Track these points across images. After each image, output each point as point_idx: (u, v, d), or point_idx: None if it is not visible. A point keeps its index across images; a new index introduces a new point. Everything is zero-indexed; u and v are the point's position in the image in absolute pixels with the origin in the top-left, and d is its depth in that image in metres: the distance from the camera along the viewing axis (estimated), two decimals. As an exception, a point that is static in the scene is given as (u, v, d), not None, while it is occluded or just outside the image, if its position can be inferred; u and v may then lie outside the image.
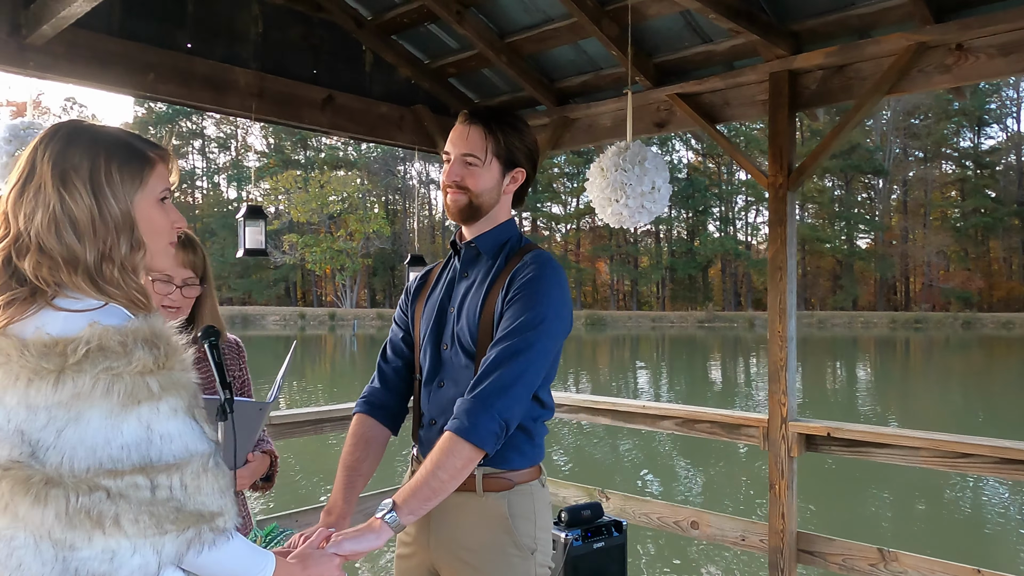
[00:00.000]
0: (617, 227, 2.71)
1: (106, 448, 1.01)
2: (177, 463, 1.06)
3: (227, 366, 2.11)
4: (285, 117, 3.53)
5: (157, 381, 1.06)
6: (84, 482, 1.00)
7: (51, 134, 1.16)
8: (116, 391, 1.03)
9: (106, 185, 1.15)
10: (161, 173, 1.22)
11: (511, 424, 1.53)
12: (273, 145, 63.52)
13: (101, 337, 1.04)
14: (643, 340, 38.08)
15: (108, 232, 1.14)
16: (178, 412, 1.08)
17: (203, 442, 1.11)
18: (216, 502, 1.10)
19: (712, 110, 3.49)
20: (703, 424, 3.50)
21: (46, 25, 2.56)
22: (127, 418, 1.03)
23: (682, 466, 10.08)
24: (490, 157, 1.68)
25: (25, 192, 1.13)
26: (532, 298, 1.59)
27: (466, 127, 1.70)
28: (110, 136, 1.18)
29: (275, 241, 50.55)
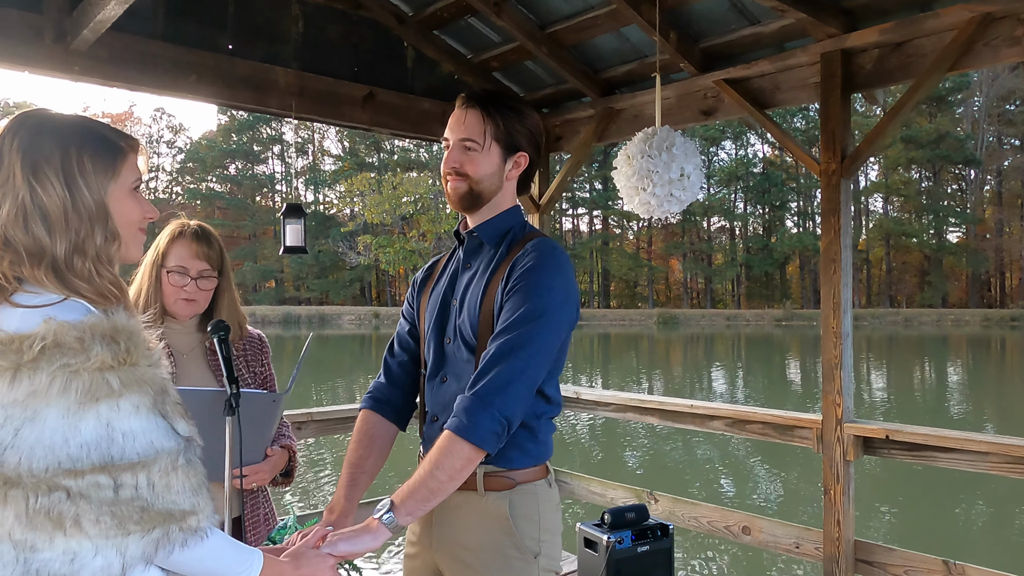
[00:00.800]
0: (646, 217, 2.59)
1: (64, 447, 0.99)
2: (142, 461, 1.03)
3: (249, 361, 2.12)
4: (326, 115, 3.55)
5: (118, 377, 1.04)
6: (43, 482, 0.98)
7: (18, 124, 1.14)
8: (74, 388, 1.00)
9: (79, 176, 1.13)
10: (132, 163, 1.21)
11: (513, 422, 1.46)
12: (348, 149, 65.11)
13: (57, 333, 1.02)
14: (718, 339, 37.21)
15: (82, 223, 1.13)
16: (141, 409, 1.05)
17: (171, 439, 1.08)
18: (188, 501, 1.07)
19: (761, 95, 3.32)
20: (754, 425, 3.33)
21: (86, 30, 2.63)
22: (85, 416, 1.01)
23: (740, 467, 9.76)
24: (489, 141, 1.61)
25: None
26: (533, 288, 1.52)
27: (463, 111, 1.63)
28: (80, 126, 1.17)
29: (350, 243, 51.73)
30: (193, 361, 2.01)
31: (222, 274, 2.04)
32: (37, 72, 2.77)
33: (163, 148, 67.43)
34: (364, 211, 51.68)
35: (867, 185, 57.22)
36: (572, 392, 4.13)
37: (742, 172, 58.41)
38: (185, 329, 2.03)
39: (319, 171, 65.11)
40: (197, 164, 64.64)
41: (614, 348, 32.97)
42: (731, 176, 58.37)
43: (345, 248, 51.92)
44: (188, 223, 2.04)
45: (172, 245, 1.98)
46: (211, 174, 64.40)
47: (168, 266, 1.97)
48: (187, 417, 1.15)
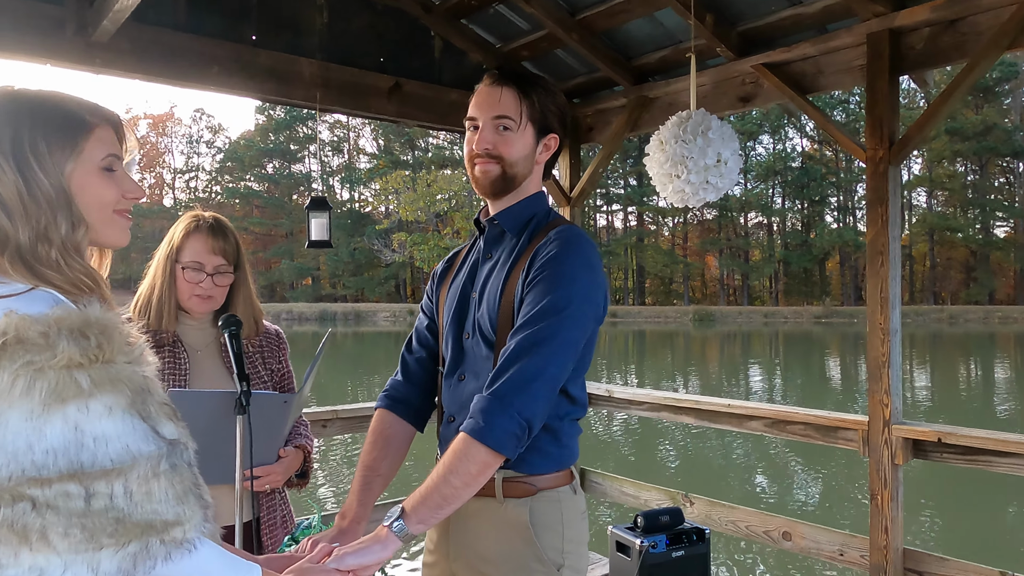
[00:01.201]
0: (680, 206, 2.46)
1: (29, 453, 0.90)
2: (117, 468, 0.93)
3: (265, 358, 2.05)
4: (351, 107, 3.47)
5: (88, 376, 0.94)
6: (6, 492, 0.88)
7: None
8: (38, 389, 0.91)
9: (32, 158, 1.03)
10: (103, 138, 1.09)
11: (534, 424, 1.35)
12: (383, 147, 65.53)
13: (19, 328, 0.92)
14: (755, 336, 36.62)
15: (40, 210, 1.03)
16: (114, 410, 0.95)
17: (150, 442, 0.97)
18: (171, 510, 0.97)
19: (803, 80, 3.16)
20: (795, 426, 3.18)
21: (106, 20, 2.58)
22: (51, 419, 0.91)
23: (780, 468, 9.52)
24: (525, 121, 1.51)
25: None
26: (556, 279, 1.40)
27: (497, 88, 1.51)
28: (37, 101, 1.06)
29: (385, 240, 52.09)
30: (208, 358, 1.95)
31: (238, 268, 1.97)
32: (59, 65, 2.73)
33: (203, 148, 68.68)
34: (399, 209, 51.97)
35: (910, 179, 55.85)
36: (604, 390, 4.01)
37: (780, 166, 57.44)
38: (200, 325, 1.96)
39: (354, 169, 65.69)
40: (236, 163, 65.62)
41: (649, 345, 32.66)
42: (769, 171, 57.43)
43: (380, 246, 52.30)
44: (203, 216, 1.96)
45: (187, 239, 1.91)
46: (249, 173, 65.31)
47: (183, 261, 1.89)
48: (176, 419, 1.05)
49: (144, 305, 1.90)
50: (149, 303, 1.90)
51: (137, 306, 1.91)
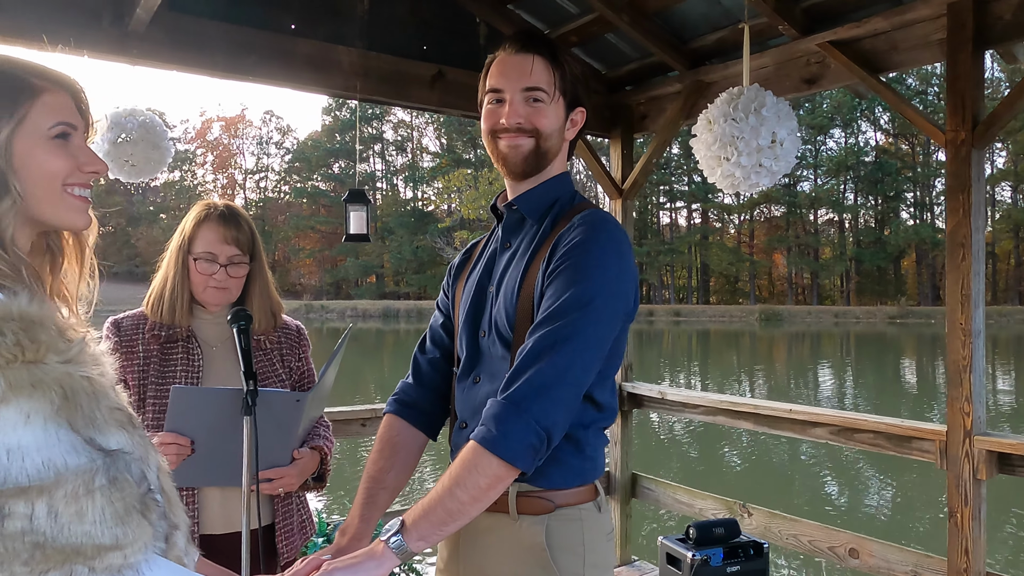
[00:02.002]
0: (730, 192, 2.26)
1: None
2: (37, 485, 0.80)
3: (284, 354, 1.94)
4: (392, 96, 3.37)
5: (3, 378, 0.81)
6: None
7: None
8: None
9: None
10: (53, 104, 0.97)
11: (554, 434, 1.19)
12: (445, 146, 66.04)
13: None
14: (825, 337, 35.40)
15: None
16: (33, 417, 0.82)
17: (81, 455, 0.84)
18: (108, 532, 0.84)
19: (875, 57, 2.90)
20: (863, 434, 2.92)
21: (139, 9, 2.54)
22: None
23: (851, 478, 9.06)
24: (557, 93, 1.35)
25: None
26: (580, 269, 1.24)
27: (527, 57, 1.34)
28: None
29: (447, 238, 52.39)
30: (223, 354, 1.85)
31: (254, 259, 1.86)
32: (96, 56, 2.70)
33: (272, 149, 70.48)
34: (461, 207, 52.14)
35: (994, 172, 53.09)
36: (657, 392, 3.81)
37: (852, 161, 55.41)
38: (215, 319, 1.87)
39: (417, 168, 66.37)
40: (303, 163, 67.14)
41: (714, 345, 31.92)
42: (840, 166, 55.49)
43: (442, 243, 52.60)
44: (215, 204, 1.85)
45: (198, 229, 1.81)
46: (316, 173, 66.75)
47: (195, 252, 1.80)
48: (131, 427, 0.92)
49: (156, 299, 1.82)
50: (162, 297, 1.81)
51: (150, 300, 1.83)
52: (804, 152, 56.98)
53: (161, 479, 0.96)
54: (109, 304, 2.21)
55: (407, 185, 67.29)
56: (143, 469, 0.91)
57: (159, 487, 0.94)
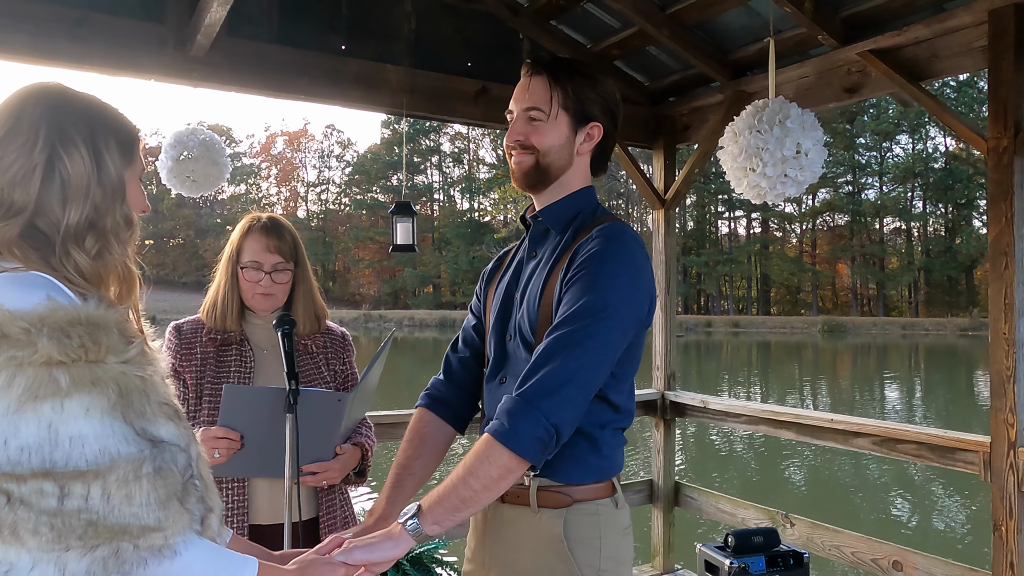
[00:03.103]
0: (757, 202, 2.28)
1: (4, 449, 0.90)
2: (94, 470, 0.92)
3: (329, 359, 2.06)
4: (437, 112, 3.49)
5: (67, 375, 0.94)
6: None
7: (40, 91, 1.09)
8: (17, 384, 0.91)
9: (105, 151, 1.09)
10: (140, 151, 1.16)
11: (563, 431, 1.27)
12: (501, 157, 66.51)
13: (3, 323, 0.93)
14: (891, 349, 34.27)
15: (104, 198, 1.07)
16: (92, 411, 0.94)
17: (131, 445, 0.96)
18: (152, 515, 0.95)
19: (916, 65, 2.89)
20: (906, 445, 2.89)
21: (200, 35, 2.71)
22: (25, 416, 0.91)
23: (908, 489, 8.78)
24: (556, 109, 1.43)
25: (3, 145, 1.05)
26: (594, 279, 1.32)
27: (528, 78, 1.46)
28: (102, 105, 1.13)
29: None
30: (273, 356, 1.98)
31: (298, 265, 2.00)
32: (161, 80, 2.90)
33: (333, 162, 72.17)
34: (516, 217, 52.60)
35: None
36: (699, 401, 3.82)
37: (920, 168, 53.56)
38: (265, 324, 2.00)
39: (474, 180, 67.03)
40: (363, 176, 68.51)
41: (774, 357, 31.25)
42: (907, 173, 53.70)
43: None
44: (259, 216, 2.01)
45: (244, 240, 1.96)
46: (375, 185, 68.01)
47: (243, 262, 1.95)
48: (179, 420, 1.05)
49: (211, 306, 1.97)
50: (215, 304, 1.96)
51: (205, 307, 1.98)
52: (869, 159, 55.42)
53: (200, 466, 1.08)
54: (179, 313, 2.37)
55: (463, 196, 68.03)
56: (187, 458, 1.03)
57: (198, 473, 1.06)
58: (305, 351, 2.00)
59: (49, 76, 1.26)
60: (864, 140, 54.49)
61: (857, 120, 52.37)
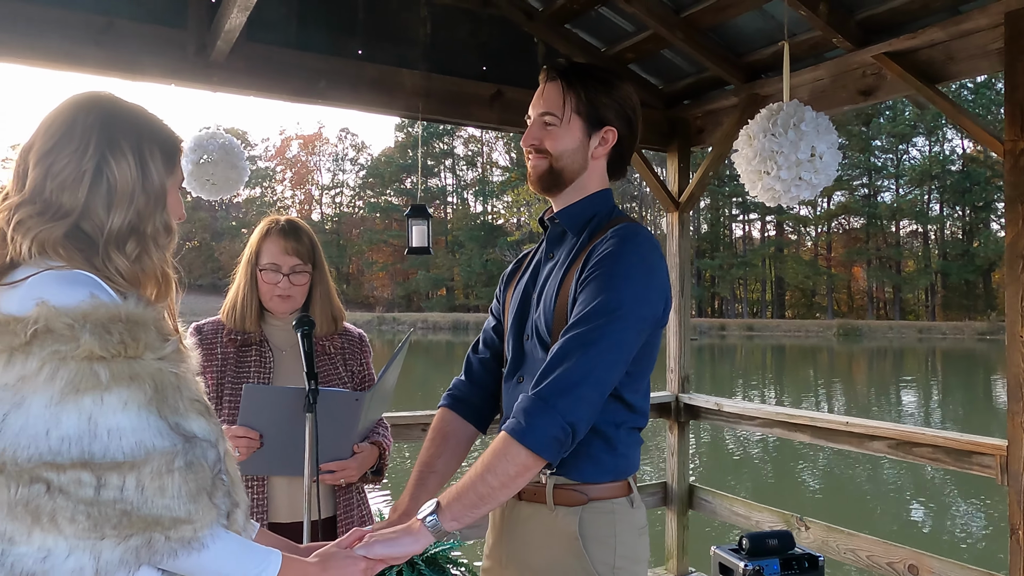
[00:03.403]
0: (771, 205, 2.29)
1: (46, 439, 0.94)
2: (129, 461, 0.96)
3: (347, 359, 2.09)
4: (452, 115, 3.53)
5: (107, 369, 0.98)
6: (26, 472, 0.93)
7: (92, 101, 1.14)
8: (60, 377, 0.96)
9: (150, 160, 1.14)
10: (180, 161, 1.21)
11: (578, 429, 1.29)
12: (515, 160, 66.57)
13: (48, 318, 0.98)
14: (908, 353, 33.96)
15: (147, 204, 1.12)
16: (129, 405, 0.98)
17: (165, 439, 1.00)
18: (183, 507, 0.99)
19: (931, 68, 2.88)
20: (922, 448, 2.89)
21: (220, 40, 2.76)
22: (67, 408, 0.95)
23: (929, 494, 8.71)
24: (569, 114, 1.46)
25: (57, 149, 1.09)
26: (609, 278, 1.34)
27: (543, 84, 1.50)
28: (150, 115, 1.18)
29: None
30: (292, 357, 2.01)
31: (316, 267, 2.03)
32: (181, 84, 2.95)
33: (347, 165, 72.49)
34: (530, 220, 52.61)
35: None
36: (713, 404, 3.83)
37: (937, 170, 53.07)
38: (284, 325, 2.03)
39: (487, 183, 67.11)
40: (377, 179, 68.76)
41: (789, 360, 31.06)
42: (924, 175, 53.23)
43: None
44: (278, 219, 2.04)
45: (263, 243, 2.00)
46: (389, 188, 68.24)
47: (261, 264, 1.98)
48: (209, 416, 1.09)
49: (230, 307, 2.00)
50: (234, 306, 1.99)
51: (225, 309, 2.02)
52: (885, 161, 54.98)
53: (227, 462, 1.12)
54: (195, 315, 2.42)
55: (477, 199, 68.11)
56: (216, 453, 1.06)
57: (225, 469, 1.09)
58: (323, 352, 2.03)
59: (75, 81, 1.32)
60: (880, 142, 54.06)
61: (873, 122, 52.00)
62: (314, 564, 1.19)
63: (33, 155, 1.10)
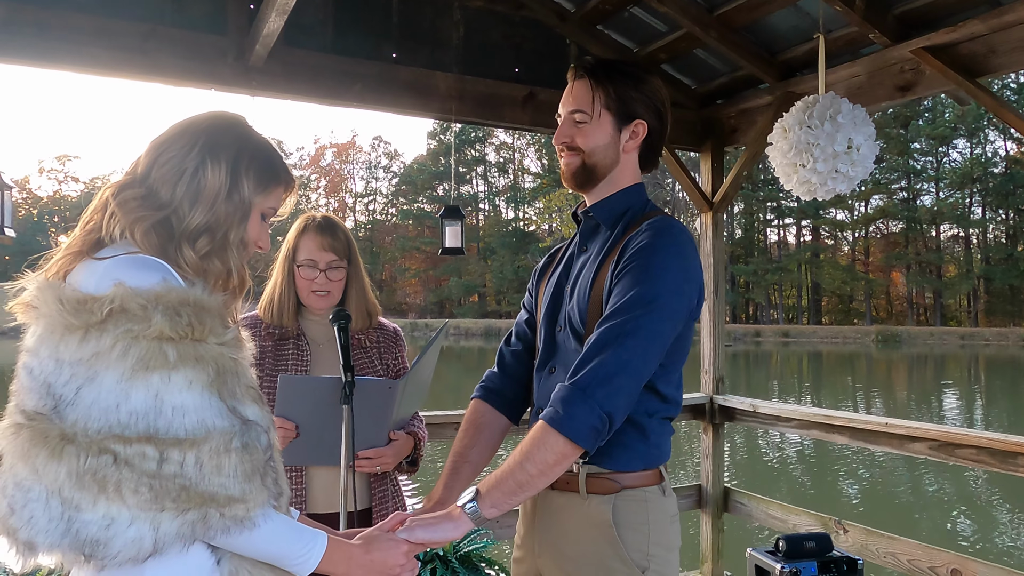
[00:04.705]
0: (807, 199, 2.27)
1: (116, 412, 1.00)
2: (191, 438, 1.01)
3: (382, 353, 2.12)
4: (485, 117, 3.55)
5: (175, 350, 1.03)
6: (95, 443, 0.99)
7: (219, 116, 1.23)
8: (131, 355, 1.01)
9: (243, 175, 1.19)
10: (279, 195, 1.26)
11: (615, 418, 1.31)
12: (546, 166, 66.62)
13: (124, 298, 1.03)
14: (950, 360, 33.19)
15: (227, 212, 1.18)
16: (194, 385, 1.03)
17: (224, 419, 1.05)
18: (237, 487, 1.03)
19: (972, 62, 2.83)
20: (965, 450, 2.82)
21: (258, 45, 2.82)
22: (136, 384, 1.00)
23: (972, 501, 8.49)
24: (599, 110, 1.48)
25: (170, 145, 1.17)
26: (644, 270, 1.35)
27: (572, 82, 1.53)
28: (261, 140, 1.25)
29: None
30: (329, 351, 2.05)
31: (351, 263, 2.06)
32: (221, 89, 3.01)
33: (380, 173, 73.21)
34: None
35: None
36: (749, 405, 3.79)
37: (979, 172, 51.84)
38: (322, 319, 2.07)
39: (519, 189, 67.25)
40: (409, 187, 69.36)
41: (827, 367, 30.55)
42: (965, 178, 52.01)
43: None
44: (314, 216, 2.08)
45: (300, 240, 2.04)
46: (421, 195, 68.76)
47: (298, 260, 2.02)
48: (261, 403, 1.14)
49: (268, 303, 2.05)
50: (271, 302, 2.04)
51: (263, 305, 2.06)
52: (924, 164, 53.88)
53: (274, 451, 1.15)
54: (229, 315, 2.44)
55: (508, 205, 68.27)
56: (268, 439, 1.10)
57: (274, 456, 1.13)
58: (359, 345, 2.06)
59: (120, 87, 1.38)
60: (919, 145, 52.99)
61: (912, 125, 51.00)
62: (358, 546, 1.22)
63: (151, 146, 1.19)
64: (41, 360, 1.04)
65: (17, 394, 1.07)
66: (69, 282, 1.09)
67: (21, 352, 1.08)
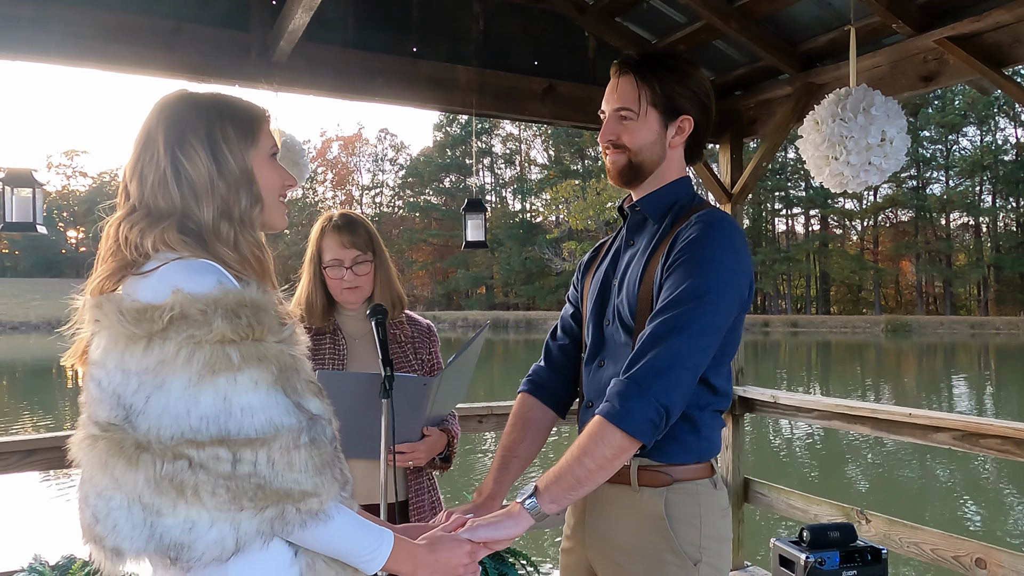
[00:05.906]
0: (838, 191, 2.27)
1: (187, 418, 1.01)
2: (261, 438, 1.02)
3: (417, 348, 2.14)
4: (505, 110, 3.56)
5: (238, 351, 1.03)
6: (169, 449, 1.00)
7: (162, 105, 1.18)
8: (196, 360, 1.01)
9: (223, 143, 1.16)
10: (267, 130, 1.22)
11: (672, 412, 1.31)
12: (553, 157, 66.50)
13: (183, 305, 1.04)
14: (960, 349, 33.07)
15: (228, 189, 1.15)
16: (260, 384, 1.04)
17: (292, 416, 1.06)
18: (309, 481, 1.05)
19: (997, 52, 2.82)
20: (989, 440, 2.83)
21: (283, 41, 2.83)
22: (204, 388, 1.01)
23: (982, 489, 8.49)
24: (645, 107, 1.48)
25: (140, 159, 1.16)
26: (696, 263, 1.36)
27: (616, 78, 1.52)
28: (219, 98, 1.21)
29: (555, 249, 52.74)
30: (364, 345, 2.07)
31: (376, 254, 2.08)
32: (245, 85, 3.03)
33: (387, 166, 73.22)
34: (569, 218, 52.45)
35: None
36: (769, 396, 3.79)
37: (989, 160, 51.50)
38: (357, 315, 2.10)
39: (526, 180, 67.18)
40: (416, 179, 69.37)
41: (835, 357, 30.50)
42: (975, 166, 51.69)
43: (551, 254, 53.00)
44: (332, 215, 2.11)
45: (322, 241, 2.07)
46: (428, 187, 68.76)
47: (324, 262, 2.05)
48: (321, 396, 1.14)
49: (297, 306, 2.07)
50: (301, 303, 2.07)
51: (293, 308, 2.08)
52: (934, 152, 53.57)
53: (337, 442, 1.17)
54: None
55: (516, 197, 68.25)
56: (332, 431, 1.12)
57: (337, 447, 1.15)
58: (395, 340, 2.09)
59: (144, 85, 1.36)
60: (928, 133, 52.65)
61: (921, 112, 50.68)
62: (423, 546, 1.23)
63: (128, 170, 1.17)
64: (108, 371, 1.05)
65: (88, 406, 1.08)
66: (125, 293, 1.10)
67: (88, 365, 1.09)
